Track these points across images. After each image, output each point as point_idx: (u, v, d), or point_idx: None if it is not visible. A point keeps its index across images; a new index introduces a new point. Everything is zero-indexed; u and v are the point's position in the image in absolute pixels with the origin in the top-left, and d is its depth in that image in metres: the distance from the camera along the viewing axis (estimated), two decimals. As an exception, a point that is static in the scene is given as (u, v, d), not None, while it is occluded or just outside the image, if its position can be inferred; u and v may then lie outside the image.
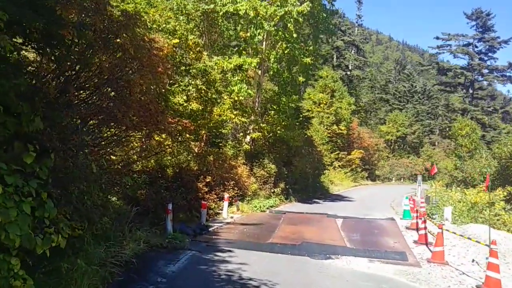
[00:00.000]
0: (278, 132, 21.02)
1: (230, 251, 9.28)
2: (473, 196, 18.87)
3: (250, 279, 6.94)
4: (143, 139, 13.20)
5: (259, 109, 21.17)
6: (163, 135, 14.63)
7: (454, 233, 11.20)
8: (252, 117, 20.85)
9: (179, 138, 16.54)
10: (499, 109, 57.35)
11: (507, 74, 55.26)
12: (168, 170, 15.78)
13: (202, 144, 19.07)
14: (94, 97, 7.79)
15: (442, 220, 15.83)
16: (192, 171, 16.39)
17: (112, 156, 11.06)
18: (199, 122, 16.88)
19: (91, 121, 8.22)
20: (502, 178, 22.05)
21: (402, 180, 61.92)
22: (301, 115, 29.76)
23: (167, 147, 15.53)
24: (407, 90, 74.31)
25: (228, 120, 19.36)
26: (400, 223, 15.93)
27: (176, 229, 10.27)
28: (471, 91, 56.92)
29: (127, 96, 8.35)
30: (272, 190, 21.18)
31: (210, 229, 12.40)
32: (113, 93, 8.10)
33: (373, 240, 12.36)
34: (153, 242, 8.73)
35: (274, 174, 21.24)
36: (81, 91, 7.66)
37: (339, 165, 46.02)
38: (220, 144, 20.39)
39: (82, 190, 6.93)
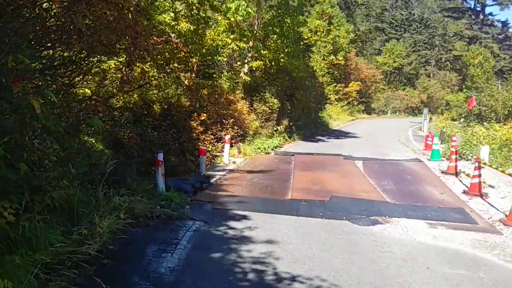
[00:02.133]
0: (282, 60, 18.03)
1: (246, 218, 6.80)
2: (506, 132, 16.57)
3: (293, 278, 4.48)
4: (124, 69, 10.55)
5: (260, 32, 18.01)
6: (147, 64, 12.13)
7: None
8: (251, 43, 17.77)
9: (166, 68, 13.92)
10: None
11: None
12: (154, 106, 13.24)
13: (193, 75, 16.22)
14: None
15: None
16: (184, 107, 13.79)
17: (86, 90, 8.51)
18: (190, 47, 13.90)
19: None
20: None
21: (397, 113, 60.01)
22: (301, 42, 26.51)
23: (152, 78, 12.98)
24: (405, 19, 70.07)
25: (224, 46, 16.32)
26: (430, 165, 13.64)
27: (170, 185, 7.71)
28: (481, 16, 53.13)
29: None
30: (275, 128, 18.64)
31: (212, 180, 9.91)
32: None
33: (412, 190, 10.05)
34: (140, 211, 6.16)
35: (277, 109, 18.58)
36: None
37: (335, 99, 43.46)
38: (214, 76, 17.46)
39: (19, 143, 4.27)
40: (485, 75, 33.05)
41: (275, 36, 18.17)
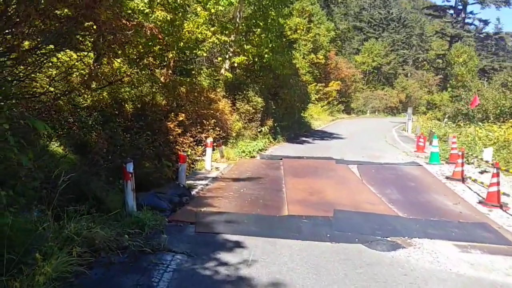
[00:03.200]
0: (266, 56, 16.64)
1: (239, 245, 5.38)
2: (503, 132, 15.63)
3: None
4: (93, 64, 9.12)
5: (242, 25, 16.59)
6: (119, 59, 10.74)
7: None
8: (233, 37, 16.34)
9: (140, 63, 12.57)
10: (493, 35, 54.00)
11: None
12: (126, 105, 11.85)
13: (170, 71, 14.75)
14: None
15: (480, 164, 12.52)
16: (159, 106, 12.37)
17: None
18: (166, 39, 12.43)
19: None
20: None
21: (376, 113, 59.62)
22: (284, 38, 25.13)
23: (124, 74, 11.59)
24: (383, 18, 69.80)
25: (204, 40, 14.85)
26: (431, 170, 12.52)
27: (143, 203, 6.21)
28: (463, 15, 52.92)
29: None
30: (259, 129, 17.25)
31: (193, 191, 8.44)
32: None
33: (421, 201, 8.83)
34: (102, 241, 4.65)
35: (261, 109, 17.20)
36: None
37: (315, 98, 42.42)
38: (193, 72, 15.97)
39: None
40: (470, 73, 32.54)
41: (259, 29, 16.78)
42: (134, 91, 12.44)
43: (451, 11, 55.36)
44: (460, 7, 52.99)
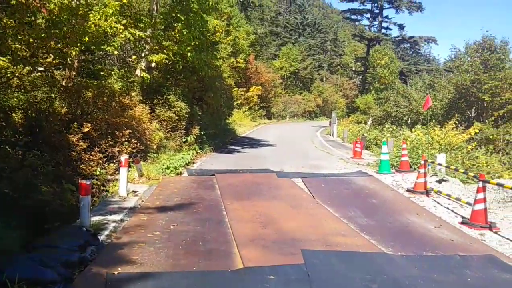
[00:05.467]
0: (189, 54, 14.33)
1: None
2: (443, 135, 14.87)
3: None
4: None
5: (161, 18, 14.16)
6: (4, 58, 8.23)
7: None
8: (149, 32, 13.88)
9: (32, 61, 9.92)
10: (408, 39, 56.11)
11: (417, 0, 53.11)
12: (14, 114, 9.31)
13: (73, 72, 12.06)
14: None
15: (434, 171, 11.39)
16: (59, 115, 9.79)
17: None
18: (65, 29, 9.79)
19: None
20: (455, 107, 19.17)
21: (296, 118, 59.60)
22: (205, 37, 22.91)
23: (11, 76, 9.06)
24: (299, 23, 70.31)
25: (114, 34, 12.22)
26: (385, 181, 11.11)
27: (14, 275, 3.70)
28: (380, 19, 54.30)
29: None
30: (184, 139, 14.90)
31: (103, 234, 5.96)
32: None
33: (397, 226, 7.19)
34: None
35: (186, 116, 14.86)
36: None
37: (237, 104, 40.82)
38: (102, 73, 13.24)
39: None
40: (392, 75, 32.87)
41: (180, 24, 14.43)
42: (24, 96, 9.76)
43: (368, 15, 56.97)
44: (377, 11, 54.60)
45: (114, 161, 10.30)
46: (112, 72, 13.48)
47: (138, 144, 11.10)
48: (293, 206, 8.26)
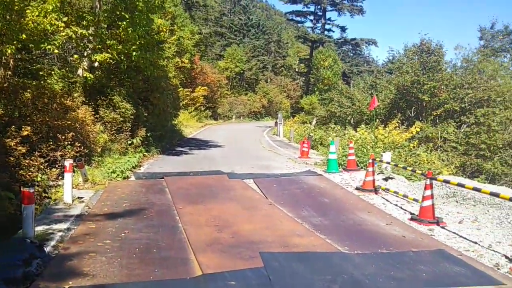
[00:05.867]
0: (134, 54, 13.84)
1: None
2: (386, 134, 15.44)
3: None
4: None
5: (105, 15, 13.57)
6: None
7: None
8: (92, 30, 13.28)
9: None
10: (350, 41, 57.72)
11: (358, 4, 54.86)
12: None
13: (8, 72, 11.32)
14: None
15: (381, 169, 11.79)
16: None
17: None
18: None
19: None
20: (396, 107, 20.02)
21: (241, 118, 59.72)
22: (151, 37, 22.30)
23: None
24: (244, 24, 70.50)
25: (54, 32, 11.59)
26: (334, 179, 11.33)
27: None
28: (323, 21, 55.42)
29: None
30: (130, 141, 14.39)
31: (50, 245, 5.56)
32: None
33: (351, 224, 7.32)
34: None
35: (131, 117, 14.37)
36: None
37: (183, 104, 40.22)
38: (41, 73, 12.50)
39: None
40: (336, 77, 33.73)
41: (124, 23, 13.90)
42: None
43: (311, 17, 58.12)
44: (320, 13, 55.82)
45: (57, 165, 9.74)
46: (52, 72, 12.76)
47: (82, 147, 10.56)
48: (247, 208, 8.20)
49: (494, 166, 17.82)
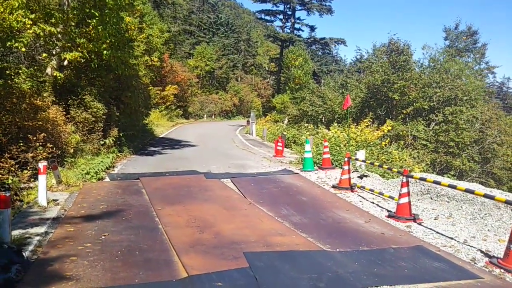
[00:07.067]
0: (105, 52, 13.55)
1: None
2: (359, 133, 15.72)
3: None
4: None
5: (74, 13, 13.22)
6: None
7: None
8: (61, 28, 12.91)
9: None
10: (319, 40, 58.25)
11: (327, 3, 55.34)
12: None
13: (-28, 71, 10.87)
14: None
15: (355, 167, 12.01)
16: None
17: None
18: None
19: None
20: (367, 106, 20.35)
21: (213, 117, 59.45)
22: (122, 35, 21.85)
23: None
24: (213, 22, 70.14)
25: (21, 30, 11.23)
26: (310, 178, 11.48)
27: None
28: (292, 20, 55.67)
29: None
30: (102, 142, 14.10)
31: (28, 250, 5.39)
32: None
33: (330, 222, 7.43)
34: None
35: (103, 117, 14.07)
36: None
37: (153, 103, 39.67)
38: (8, 72, 12.02)
39: None
40: (306, 76, 34.02)
41: (94, 20, 13.58)
42: None
43: (281, 16, 58.36)
44: (289, 12, 56.11)
45: (28, 167, 9.42)
46: (20, 71, 12.31)
47: (54, 148, 10.26)
48: (227, 208, 8.18)
49: (463, 163, 18.45)
